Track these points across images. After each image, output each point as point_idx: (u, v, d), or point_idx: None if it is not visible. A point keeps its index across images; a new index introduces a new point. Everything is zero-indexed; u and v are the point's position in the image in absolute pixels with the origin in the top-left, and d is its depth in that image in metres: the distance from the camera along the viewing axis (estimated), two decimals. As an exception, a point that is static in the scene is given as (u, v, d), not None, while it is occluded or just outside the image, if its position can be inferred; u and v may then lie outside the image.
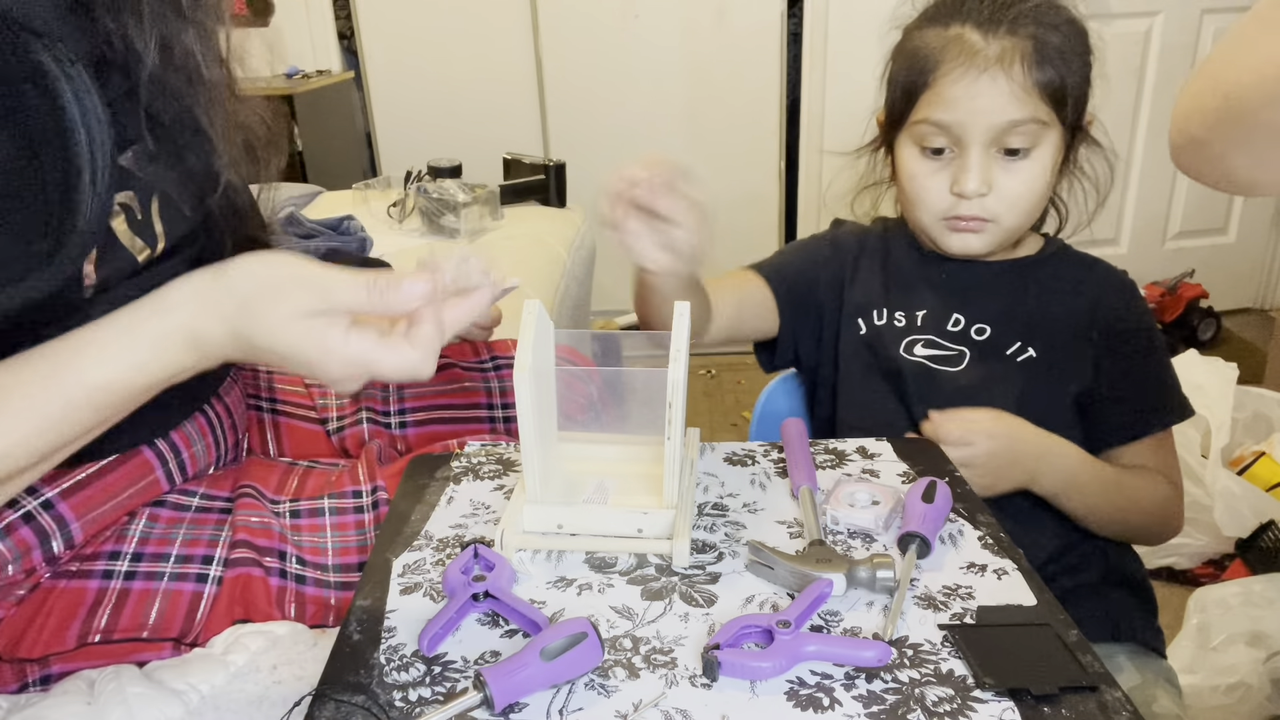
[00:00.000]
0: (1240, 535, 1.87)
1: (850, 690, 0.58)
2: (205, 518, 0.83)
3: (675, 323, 0.70)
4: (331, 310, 0.62)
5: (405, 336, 0.63)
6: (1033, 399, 0.99)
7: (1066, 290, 1.04)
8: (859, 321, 1.09)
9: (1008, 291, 1.04)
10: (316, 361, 0.62)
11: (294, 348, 0.62)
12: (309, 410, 1.02)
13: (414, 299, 0.63)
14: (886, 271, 1.10)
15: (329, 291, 0.62)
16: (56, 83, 0.64)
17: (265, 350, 0.62)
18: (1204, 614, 1.60)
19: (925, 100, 0.98)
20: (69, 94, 0.64)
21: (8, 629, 0.75)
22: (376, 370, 0.63)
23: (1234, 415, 2.01)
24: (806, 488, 0.78)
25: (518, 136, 3.08)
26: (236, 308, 0.61)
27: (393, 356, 0.62)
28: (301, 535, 0.85)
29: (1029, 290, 1.04)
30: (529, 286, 1.90)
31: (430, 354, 0.63)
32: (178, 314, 0.62)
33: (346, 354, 0.62)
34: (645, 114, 3.13)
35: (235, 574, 0.79)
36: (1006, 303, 1.04)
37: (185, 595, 0.78)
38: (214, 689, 0.71)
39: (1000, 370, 1.02)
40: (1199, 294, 2.97)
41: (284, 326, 0.61)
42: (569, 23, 3.04)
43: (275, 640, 0.76)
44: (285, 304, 0.61)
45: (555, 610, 0.66)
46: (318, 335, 0.61)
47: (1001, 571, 0.69)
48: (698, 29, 3.03)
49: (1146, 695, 0.97)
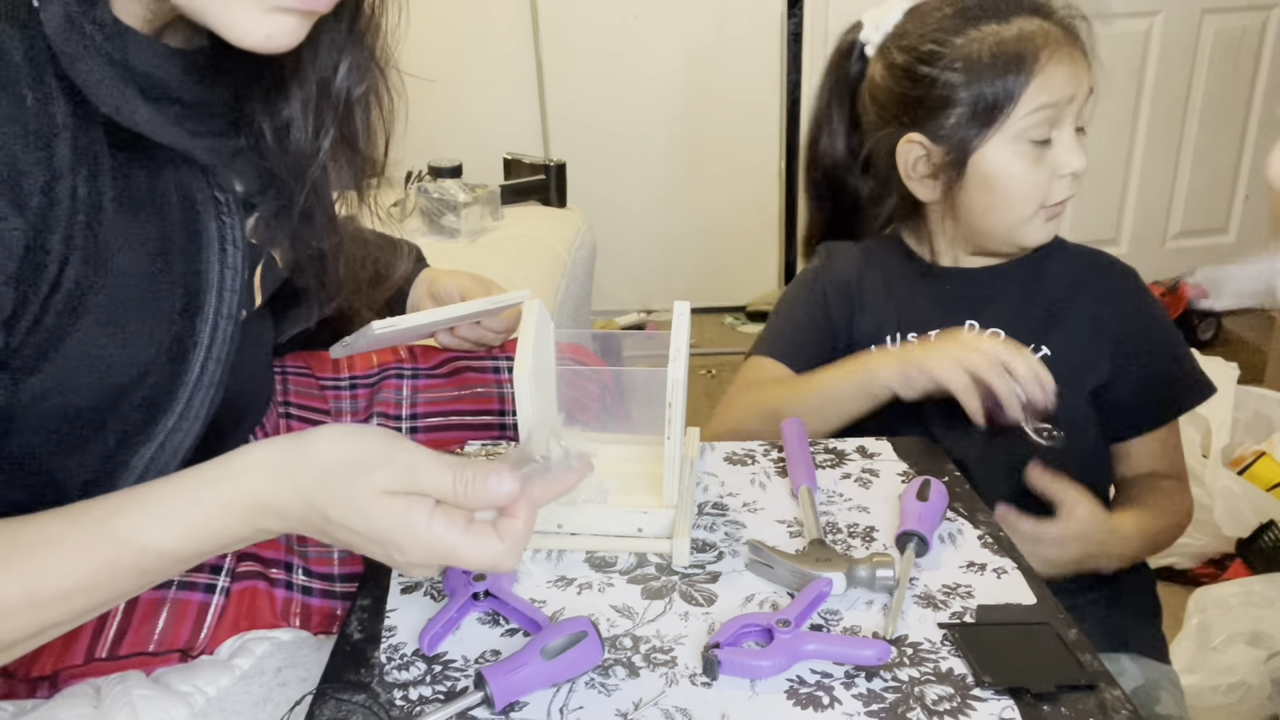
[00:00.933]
0: (1240, 535, 1.87)
1: (850, 689, 0.58)
2: None
3: (675, 322, 0.71)
4: (416, 491, 0.57)
5: (495, 527, 0.58)
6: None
7: (1074, 284, 1.03)
8: (872, 349, 1.05)
9: (1017, 292, 1.03)
10: (397, 541, 0.56)
11: (374, 525, 0.56)
12: (323, 414, 1.02)
13: (500, 499, 0.57)
14: (891, 294, 1.08)
15: (415, 473, 0.57)
16: (205, 212, 0.66)
17: (340, 525, 0.56)
18: (1204, 614, 1.60)
19: (1033, 89, 0.95)
20: (213, 226, 0.67)
21: None
22: (459, 559, 0.57)
23: (1234, 415, 2.01)
24: (806, 487, 0.78)
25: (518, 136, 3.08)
26: (313, 478, 0.56)
27: (478, 548, 0.57)
28: (308, 545, 0.85)
29: (1038, 288, 1.03)
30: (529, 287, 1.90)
31: (518, 550, 0.58)
32: (247, 480, 0.57)
33: (430, 538, 0.56)
34: (645, 114, 3.13)
35: (242, 587, 0.79)
36: (1017, 303, 1.03)
37: (193, 605, 0.78)
38: (219, 691, 0.71)
39: None
40: (1199, 294, 2.97)
41: (366, 503, 0.56)
42: (569, 23, 3.04)
43: (280, 645, 0.76)
44: (369, 478, 0.56)
45: (555, 609, 0.66)
46: (400, 515, 0.56)
47: (1001, 570, 0.69)
48: (698, 29, 3.03)
49: (1150, 696, 0.97)
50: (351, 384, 1.04)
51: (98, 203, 0.59)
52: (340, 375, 1.04)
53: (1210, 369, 2.01)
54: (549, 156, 2.55)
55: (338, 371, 1.04)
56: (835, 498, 0.79)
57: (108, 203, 0.60)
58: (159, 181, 0.65)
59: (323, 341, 0.98)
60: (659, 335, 0.73)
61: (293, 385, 1.04)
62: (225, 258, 0.69)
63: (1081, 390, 1.00)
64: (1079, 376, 1.00)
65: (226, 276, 0.69)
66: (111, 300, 0.61)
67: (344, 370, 1.04)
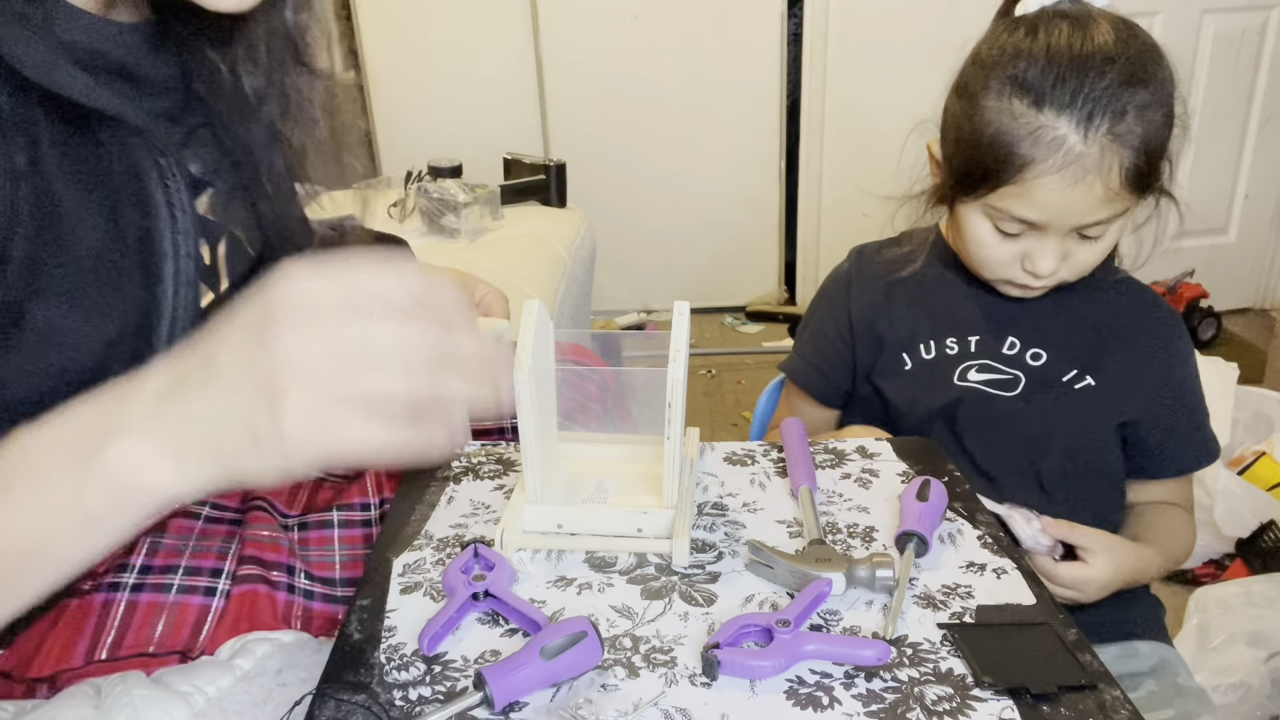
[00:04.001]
0: (1240, 535, 1.87)
1: (850, 689, 0.58)
2: (214, 529, 0.83)
3: (675, 321, 0.70)
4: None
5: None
6: (1085, 427, 0.99)
7: (1125, 319, 1.02)
8: (903, 356, 1.04)
9: (1067, 316, 1.01)
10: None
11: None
12: None
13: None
14: (928, 300, 1.04)
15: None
16: (149, 178, 0.65)
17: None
18: (1204, 614, 1.60)
19: (1009, 192, 0.89)
20: (159, 193, 0.66)
21: (20, 648, 0.75)
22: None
23: (1234, 415, 2.01)
24: (806, 487, 0.78)
25: (518, 136, 3.08)
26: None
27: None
28: (309, 550, 0.85)
29: (1087, 316, 1.01)
30: (529, 286, 1.90)
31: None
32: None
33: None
34: (645, 114, 3.13)
35: (242, 590, 0.79)
36: (1065, 329, 1.01)
37: (193, 608, 0.78)
38: (220, 692, 0.71)
39: (1055, 398, 0.99)
40: (1199, 294, 2.96)
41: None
42: (569, 23, 3.04)
43: (281, 646, 0.76)
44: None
45: (555, 609, 0.66)
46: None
47: (1001, 571, 0.69)
48: (698, 29, 3.03)
49: (1170, 671, 0.98)
50: None
51: (41, 174, 0.60)
52: None
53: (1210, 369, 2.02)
54: (549, 156, 2.55)
55: None
56: (835, 498, 0.79)
57: (51, 173, 0.60)
58: (102, 151, 0.65)
59: None
60: (659, 335, 0.73)
61: None
62: (175, 224, 0.69)
63: (1112, 423, 1.00)
64: (1115, 409, 1.00)
65: (180, 243, 0.69)
66: (69, 274, 0.61)
67: None
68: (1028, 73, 0.87)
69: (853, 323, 1.08)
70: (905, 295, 1.06)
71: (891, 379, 1.05)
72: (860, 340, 1.07)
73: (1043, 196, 0.87)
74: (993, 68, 0.90)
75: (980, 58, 0.93)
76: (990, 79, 0.90)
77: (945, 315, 1.03)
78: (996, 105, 0.89)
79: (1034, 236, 0.92)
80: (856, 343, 1.08)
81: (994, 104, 0.89)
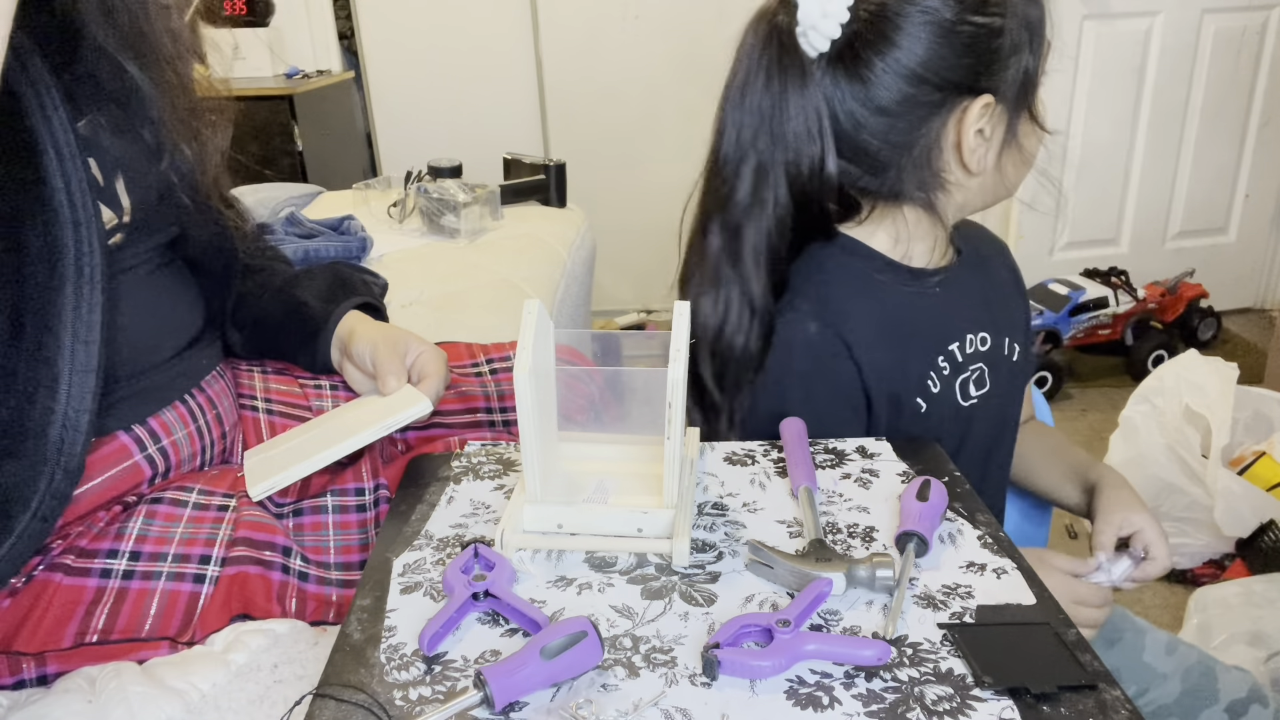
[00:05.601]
0: (1240, 535, 1.87)
1: (850, 689, 0.58)
2: (203, 515, 0.83)
3: (675, 321, 0.70)
4: None
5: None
6: (1020, 396, 1.01)
7: (1002, 272, 1.04)
8: (918, 402, 0.95)
9: (978, 290, 0.99)
10: None
11: None
12: (304, 410, 1.02)
13: None
14: (893, 336, 0.93)
15: None
16: (28, 103, 0.68)
17: None
18: (1204, 614, 1.60)
19: (1044, 62, 0.90)
20: (39, 116, 0.68)
21: (3, 621, 0.75)
22: None
23: (1234, 415, 2.01)
24: (806, 487, 0.78)
25: (518, 136, 3.09)
26: None
27: None
28: (304, 534, 0.85)
29: (989, 283, 1.00)
30: (529, 286, 1.90)
31: None
32: None
33: None
34: (645, 114, 3.13)
35: (234, 572, 0.79)
36: (982, 304, 0.98)
37: (183, 596, 0.78)
38: (215, 687, 0.71)
39: (1007, 378, 0.98)
40: (1199, 294, 2.97)
41: None
42: (569, 23, 3.04)
43: (276, 639, 0.76)
44: None
45: (555, 609, 0.66)
46: None
47: (1001, 571, 0.69)
48: (698, 29, 3.03)
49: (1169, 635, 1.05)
50: (332, 386, 1.04)
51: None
52: (319, 377, 1.04)
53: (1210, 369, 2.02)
54: (549, 156, 2.55)
55: (316, 374, 1.04)
56: (835, 498, 0.79)
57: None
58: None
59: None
60: (659, 335, 0.73)
61: (274, 384, 1.05)
62: (51, 124, 0.71)
63: (1030, 374, 1.03)
64: (1028, 359, 1.02)
65: (61, 139, 0.71)
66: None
67: (323, 374, 1.04)
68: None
69: (869, 394, 0.93)
70: (876, 339, 0.93)
71: (889, 421, 0.95)
72: (878, 405, 0.94)
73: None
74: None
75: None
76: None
77: (928, 338, 0.95)
78: (1004, 7, 0.86)
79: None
80: (874, 407, 0.94)
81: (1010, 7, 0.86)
